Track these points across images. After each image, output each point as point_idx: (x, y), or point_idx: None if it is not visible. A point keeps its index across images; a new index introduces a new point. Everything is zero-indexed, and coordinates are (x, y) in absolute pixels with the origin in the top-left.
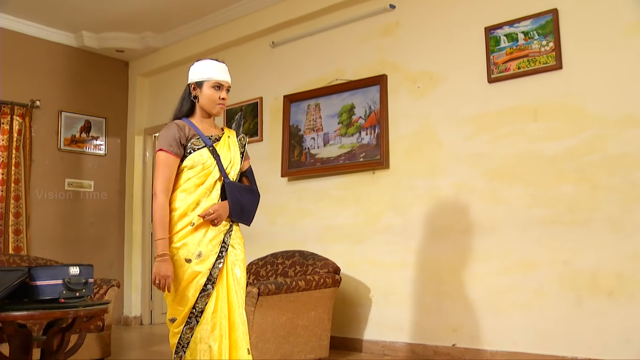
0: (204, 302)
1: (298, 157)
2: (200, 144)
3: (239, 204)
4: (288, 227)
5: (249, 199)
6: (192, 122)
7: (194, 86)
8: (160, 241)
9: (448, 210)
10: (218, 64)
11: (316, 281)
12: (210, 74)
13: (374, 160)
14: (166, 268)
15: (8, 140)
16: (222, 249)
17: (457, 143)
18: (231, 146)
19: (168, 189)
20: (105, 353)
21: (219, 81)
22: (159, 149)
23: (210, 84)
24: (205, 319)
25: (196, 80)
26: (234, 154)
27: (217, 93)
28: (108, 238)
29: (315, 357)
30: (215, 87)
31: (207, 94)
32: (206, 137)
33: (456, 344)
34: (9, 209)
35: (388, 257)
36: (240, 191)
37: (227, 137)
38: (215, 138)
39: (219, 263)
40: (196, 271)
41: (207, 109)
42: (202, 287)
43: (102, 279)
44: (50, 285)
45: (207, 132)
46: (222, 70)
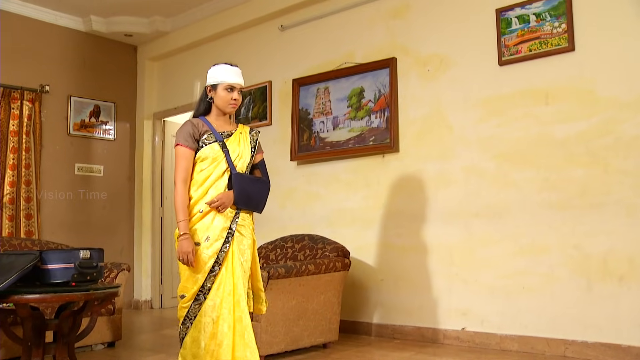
0: (211, 281)
1: (307, 141)
2: (211, 139)
3: (245, 192)
4: (297, 211)
5: (258, 188)
6: (208, 120)
7: (209, 88)
8: (181, 222)
9: (458, 194)
10: (231, 68)
11: (326, 265)
12: (223, 78)
13: (383, 143)
14: (187, 245)
15: (18, 125)
16: (228, 235)
17: (467, 126)
18: (241, 141)
19: (186, 178)
20: (116, 336)
21: (232, 84)
22: (177, 144)
23: (223, 86)
24: (211, 296)
25: (212, 83)
26: (242, 148)
27: (229, 94)
28: (118, 223)
29: (324, 340)
30: (228, 89)
31: (221, 95)
32: (218, 133)
33: (466, 328)
34: (20, 194)
35: (398, 241)
36: (247, 181)
37: (239, 133)
38: (228, 134)
39: (225, 247)
40: (205, 254)
41: (221, 108)
42: (211, 268)
43: (112, 263)
44: (61, 269)
45: (221, 128)
46: (234, 74)
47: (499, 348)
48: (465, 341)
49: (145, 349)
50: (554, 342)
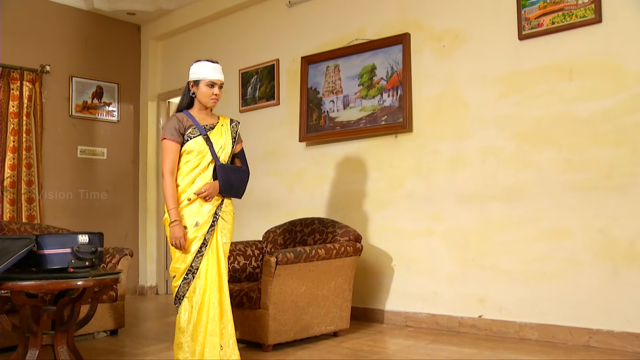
0: (198, 261)
1: (316, 121)
2: (196, 133)
3: (229, 182)
4: (306, 193)
5: (238, 176)
6: (191, 114)
7: (192, 84)
8: (172, 210)
9: (475, 175)
10: (212, 65)
11: (337, 250)
12: (205, 74)
13: (396, 123)
14: (179, 230)
15: (18, 106)
16: (214, 220)
17: (484, 105)
18: (223, 133)
19: (173, 169)
20: (119, 324)
21: (212, 80)
22: (163, 137)
23: (205, 82)
24: (199, 275)
25: (194, 79)
26: (225, 140)
27: (210, 90)
28: (122, 207)
29: (335, 328)
30: (209, 85)
31: (203, 91)
32: (201, 127)
33: (482, 315)
34: (21, 177)
35: (411, 225)
36: (229, 171)
37: (220, 125)
38: (210, 127)
39: (211, 230)
40: (193, 237)
41: (203, 102)
42: (198, 249)
43: (114, 248)
44: (58, 254)
45: (204, 121)
46: (215, 71)
47: (517, 337)
48: (482, 329)
49: (149, 337)
50: (576, 331)
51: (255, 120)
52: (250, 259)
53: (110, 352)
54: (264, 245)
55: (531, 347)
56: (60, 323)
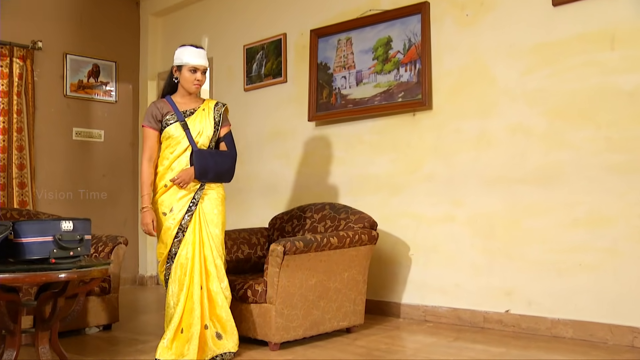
0: (176, 246)
1: (327, 99)
2: (173, 120)
3: (205, 167)
4: (316, 177)
5: (218, 161)
6: (173, 100)
7: (175, 69)
8: (144, 197)
9: (501, 156)
10: (195, 50)
11: (350, 238)
12: (187, 60)
13: (414, 100)
14: (147, 217)
15: (8, 85)
16: (192, 204)
17: (512, 78)
18: (203, 118)
19: (151, 156)
20: (112, 318)
21: (195, 65)
22: (143, 125)
23: (187, 68)
24: (178, 260)
25: (177, 64)
26: (204, 124)
27: (193, 75)
28: (121, 192)
29: (348, 324)
30: (192, 71)
31: (185, 76)
32: (180, 113)
33: (510, 310)
34: (11, 161)
35: (430, 210)
36: (207, 156)
37: (202, 110)
38: (190, 112)
39: (188, 215)
40: (170, 223)
41: (186, 88)
42: (175, 235)
43: (107, 236)
44: (38, 243)
45: (185, 106)
46: (198, 56)
47: (550, 334)
48: (510, 325)
49: (145, 332)
50: (618, 330)
51: (261, 99)
52: (256, 247)
53: (100, 350)
54: (270, 233)
55: (566, 346)
56: (42, 320)
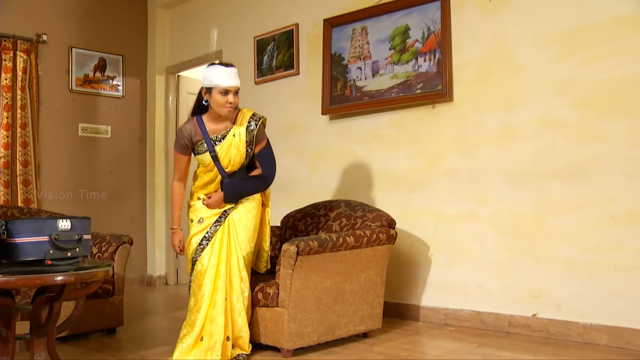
0: (198, 253)
1: (341, 91)
2: (203, 149)
3: (234, 195)
4: (330, 173)
5: (250, 187)
6: (203, 122)
7: (204, 91)
8: (173, 216)
9: (528, 150)
10: (226, 70)
11: (367, 237)
12: (217, 81)
13: (434, 91)
14: (175, 238)
15: (12, 79)
16: (222, 216)
17: (540, 67)
18: (233, 146)
19: (181, 177)
20: (116, 321)
21: (226, 88)
22: (174, 149)
23: (218, 90)
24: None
25: (206, 86)
26: (234, 152)
27: (224, 98)
28: (128, 190)
29: (365, 328)
30: (223, 93)
31: (216, 99)
32: (210, 141)
33: (537, 314)
34: (15, 157)
35: (452, 208)
36: (237, 185)
37: (232, 135)
38: (221, 137)
39: (216, 226)
40: (195, 230)
41: (217, 111)
42: (199, 242)
43: (111, 235)
44: (32, 243)
45: (215, 131)
46: (229, 76)
47: (581, 340)
48: (537, 330)
49: (151, 336)
50: None
51: (272, 92)
52: None
53: (101, 358)
54: (283, 232)
55: (601, 354)
56: (38, 326)
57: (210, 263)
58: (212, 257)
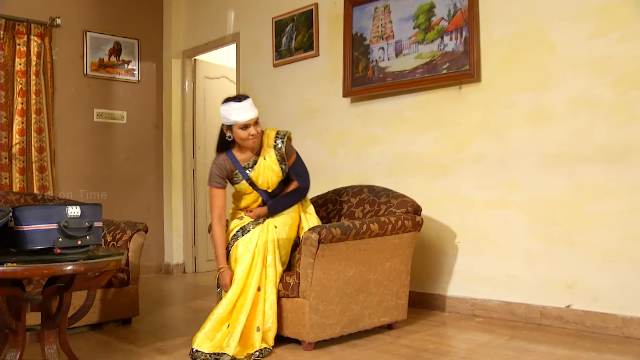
0: (232, 243)
1: (363, 73)
2: (239, 178)
3: (277, 210)
4: (352, 157)
5: (291, 202)
6: (233, 154)
7: (225, 128)
8: (219, 257)
9: (562, 132)
10: (240, 105)
11: (392, 224)
12: (235, 118)
13: (460, 71)
14: (224, 277)
15: (26, 64)
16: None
17: (575, 44)
18: (265, 168)
19: (221, 215)
20: (132, 312)
21: (244, 123)
22: (208, 185)
23: (238, 126)
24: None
25: (226, 124)
26: (269, 173)
27: (245, 132)
28: (145, 176)
29: (390, 320)
30: (243, 128)
31: (238, 134)
32: (243, 170)
33: (572, 305)
34: (31, 144)
35: (480, 194)
36: (279, 205)
37: (262, 159)
38: (252, 163)
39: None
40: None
41: (243, 145)
42: (234, 233)
43: (126, 222)
44: (41, 231)
45: (245, 160)
46: (244, 110)
47: (620, 334)
48: (572, 322)
49: (167, 327)
50: None
51: (291, 74)
52: None
53: (115, 350)
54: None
55: None
56: (48, 317)
57: (244, 253)
58: (247, 249)
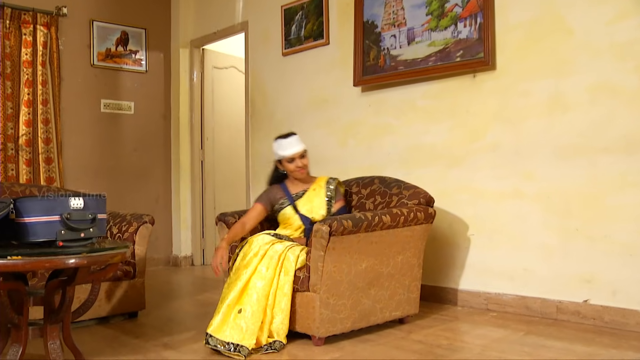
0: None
1: (375, 61)
2: (285, 204)
3: None
4: (362, 148)
5: None
6: (286, 185)
7: (278, 163)
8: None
9: (581, 121)
10: (285, 141)
11: (405, 216)
12: (282, 153)
13: (475, 59)
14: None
15: (32, 54)
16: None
17: (596, 29)
18: (312, 197)
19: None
20: (138, 305)
21: (291, 156)
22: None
23: (286, 160)
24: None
25: (277, 159)
26: (314, 202)
27: (292, 164)
28: (153, 168)
29: (402, 314)
30: (290, 161)
31: (288, 167)
32: (291, 197)
33: (589, 300)
34: (37, 135)
35: (494, 185)
36: None
37: (312, 190)
38: (302, 193)
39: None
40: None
41: (293, 176)
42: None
43: (132, 214)
44: (43, 223)
45: (295, 190)
46: (289, 146)
47: None
48: (589, 318)
49: (175, 321)
50: None
51: (301, 63)
52: None
53: (120, 344)
54: None
55: None
56: (51, 311)
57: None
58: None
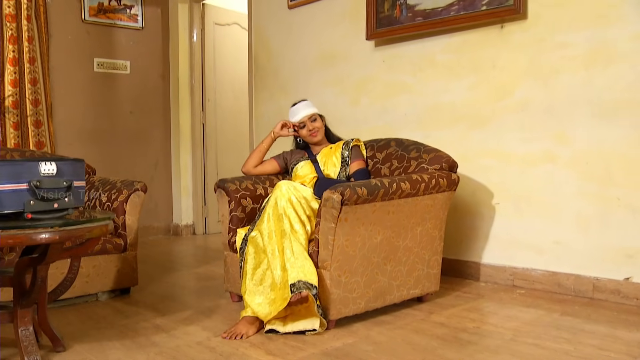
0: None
1: (390, 12)
2: (304, 159)
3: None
4: (376, 108)
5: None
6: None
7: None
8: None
9: (626, 75)
10: (294, 108)
11: (426, 182)
12: (292, 119)
13: (502, 7)
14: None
15: (15, 7)
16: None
17: None
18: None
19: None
20: (130, 281)
21: (300, 121)
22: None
23: (299, 126)
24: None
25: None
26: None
27: (304, 129)
28: (151, 131)
29: (421, 292)
30: (301, 126)
31: (302, 133)
32: (313, 155)
33: (631, 278)
34: (25, 96)
35: (523, 148)
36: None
37: (329, 148)
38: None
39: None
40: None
41: (307, 141)
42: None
43: (122, 181)
44: (8, 192)
45: (315, 151)
46: (297, 112)
47: None
48: (631, 298)
49: (170, 297)
50: None
51: (309, 16)
52: None
53: (107, 325)
54: None
55: None
56: (21, 294)
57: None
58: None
